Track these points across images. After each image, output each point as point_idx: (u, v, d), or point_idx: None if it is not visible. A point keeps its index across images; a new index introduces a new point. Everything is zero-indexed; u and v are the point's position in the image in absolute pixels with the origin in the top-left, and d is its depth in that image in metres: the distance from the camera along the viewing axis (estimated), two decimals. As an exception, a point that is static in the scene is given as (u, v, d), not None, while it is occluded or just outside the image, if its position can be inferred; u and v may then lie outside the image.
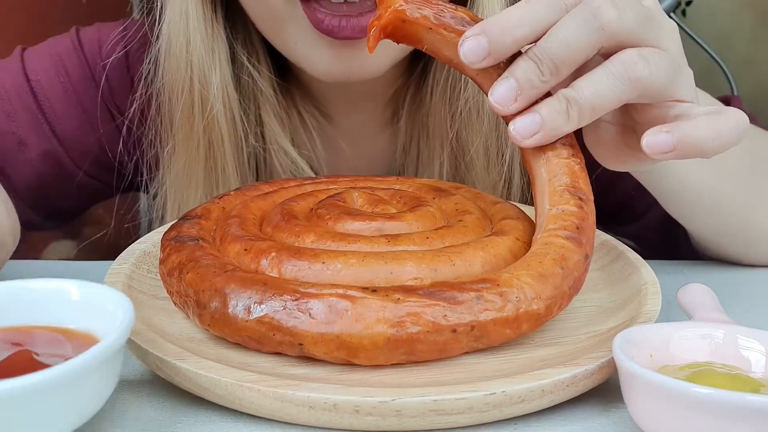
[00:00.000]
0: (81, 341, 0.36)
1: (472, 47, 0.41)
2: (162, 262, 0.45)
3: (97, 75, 0.70)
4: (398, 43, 0.46)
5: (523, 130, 0.41)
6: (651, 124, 0.43)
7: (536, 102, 0.42)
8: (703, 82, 0.50)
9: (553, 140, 0.42)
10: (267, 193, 0.51)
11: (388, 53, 0.61)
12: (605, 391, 0.39)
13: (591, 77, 0.41)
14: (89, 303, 0.37)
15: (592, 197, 0.44)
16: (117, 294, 0.37)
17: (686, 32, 1.53)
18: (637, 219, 0.73)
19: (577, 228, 0.42)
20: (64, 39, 0.72)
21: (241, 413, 0.37)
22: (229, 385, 0.36)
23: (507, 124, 0.43)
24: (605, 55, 0.42)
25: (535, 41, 0.41)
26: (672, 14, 1.43)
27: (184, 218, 0.48)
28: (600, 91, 0.40)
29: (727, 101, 0.68)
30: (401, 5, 0.43)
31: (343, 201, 0.47)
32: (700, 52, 1.56)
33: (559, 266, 0.40)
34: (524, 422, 0.36)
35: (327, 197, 0.48)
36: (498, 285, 0.38)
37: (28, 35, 0.79)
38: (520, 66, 0.41)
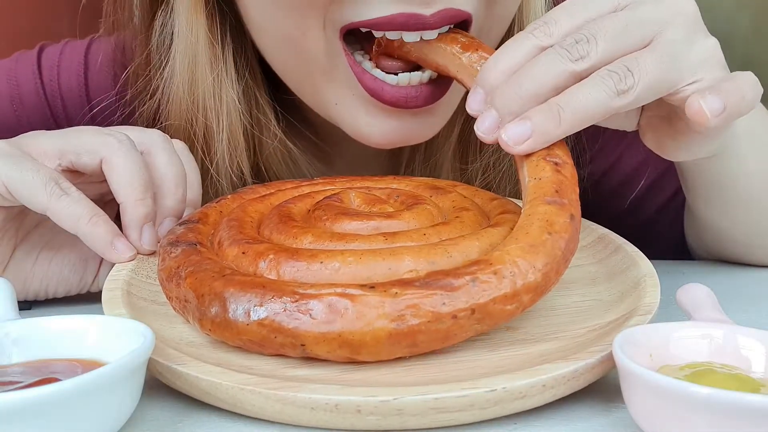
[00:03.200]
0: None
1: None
2: (160, 267, 0.44)
3: (53, 106, 0.69)
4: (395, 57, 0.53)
5: (515, 136, 0.43)
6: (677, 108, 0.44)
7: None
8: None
9: (545, 146, 0.43)
10: (264, 196, 0.51)
11: (447, 113, 0.59)
12: (605, 390, 0.39)
13: (583, 88, 0.42)
14: (106, 336, 0.38)
15: (570, 161, 0.44)
16: (135, 324, 0.38)
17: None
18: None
19: (557, 191, 0.41)
20: (26, 60, 0.70)
21: (246, 415, 0.36)
22: (231, 389, 0.35)
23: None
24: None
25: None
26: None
27: (182, 223, 0.48)
28: (590, 102, 0.42)
29: None
30: None
31: (340, 201, 0.47)
32: (699, 52, 1.56)
33: (546, 232, 0.39)
34: (524, 421, 0.36)
35: (324, 198, 0.48)
36: (491, 264, 0.38)
37: (29, 35, 0.78)
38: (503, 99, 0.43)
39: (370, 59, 0.55)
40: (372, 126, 0.56)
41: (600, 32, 0.42)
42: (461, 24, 0.53)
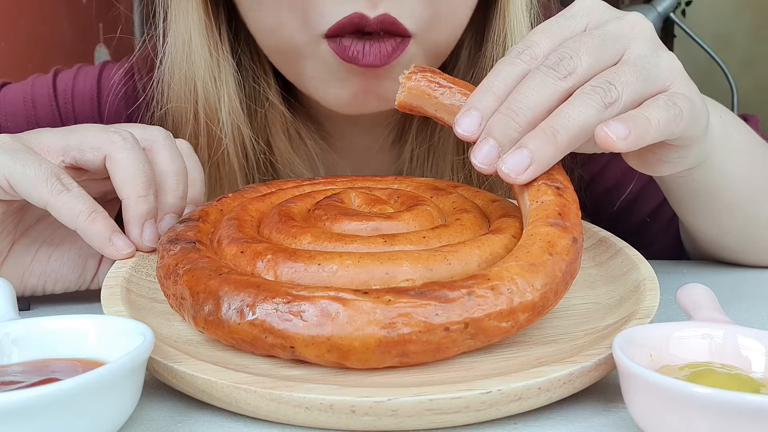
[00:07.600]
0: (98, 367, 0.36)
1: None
2: (159, 264, 0.44)
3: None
4: None
5: (515, 166, 0.43)
6: None
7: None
8: (703, 82, 0.51)
9: (545, 170, 0.43)
10: (265, 195, 0.51)
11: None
12: (605, 390, 0.39)
13: (572, 106, 0.42)
14: (106, 335, 0.38)
15: (570, 186, 0.44)
16: (135, 323, 0.37)
17: (686, 32, 1.53)
18: (648, 245, 0.74)
19: (559, 214, 0.42)
20: (41, 84, 0.72)
21: (241, 414, 0.36)
22: (226, 387, 0.35)
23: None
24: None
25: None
26: (672, 14, 1.43)
27: (183, 221, 0.48)
28: (581, 119, 0.42)
29: (744, 119, 0.69)
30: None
31: (341, 201, 0.47)
32: (700, 52, 1.57)
33: (547, 253, 0.39)
34: (524, 421, 0.36)
35: (324, 198, 0.48)
36: (489, 279, 0.38)
37: (29, 36, 0.79)
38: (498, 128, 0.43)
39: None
40: (339, 91, 0.60)
41: (581, 48, 0.43)
42: (400, 37, 0.57)
